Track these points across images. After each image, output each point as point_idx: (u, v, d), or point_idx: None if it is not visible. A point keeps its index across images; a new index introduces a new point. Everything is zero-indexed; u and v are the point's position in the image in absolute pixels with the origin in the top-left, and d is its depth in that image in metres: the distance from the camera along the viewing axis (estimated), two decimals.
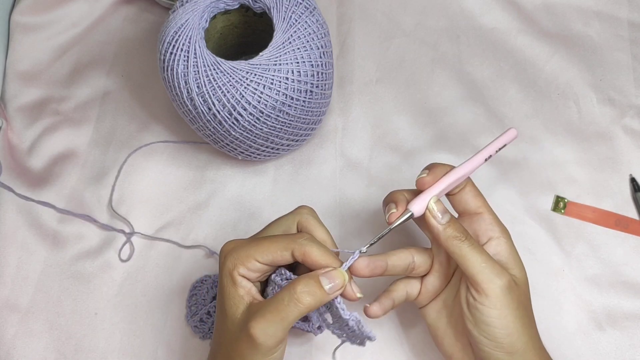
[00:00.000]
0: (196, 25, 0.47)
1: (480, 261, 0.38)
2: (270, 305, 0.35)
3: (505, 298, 0.38)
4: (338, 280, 0.37)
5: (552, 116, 0.60)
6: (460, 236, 0.39)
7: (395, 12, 0.66)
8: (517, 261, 0.41)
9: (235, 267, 0.37)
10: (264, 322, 0.35)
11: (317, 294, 0.36)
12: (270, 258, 0.37)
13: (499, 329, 0.38)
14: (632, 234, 0.55)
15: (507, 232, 0.42)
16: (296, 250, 0.37)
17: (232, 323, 0.37)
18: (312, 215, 0.41)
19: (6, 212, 0.55)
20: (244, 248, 0.38)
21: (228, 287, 0.37)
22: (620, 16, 0.64)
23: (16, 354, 0.51)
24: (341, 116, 0.60)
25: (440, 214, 0.40)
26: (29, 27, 0.65)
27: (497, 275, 0.38)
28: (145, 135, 0.60)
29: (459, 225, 0.40)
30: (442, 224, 0.40)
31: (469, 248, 0.39)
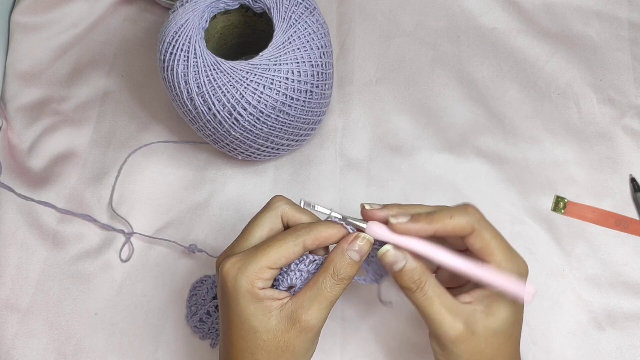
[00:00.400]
0: (196, 25, 0.47)
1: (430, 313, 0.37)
2: (316, 294, 0.37)
3: (453, 349, 0.38)
4: (366, 247, 0.38)
5: (552, 116, 0.60)
6: (411, 287, 0.37)
7: (395, 12, 0.66)
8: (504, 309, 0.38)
9: (253, 285, 0.36)
10: (317, 311, 0.37)
11: (353, 267, 0.38)
12: (284, 261, 0.37)
13: None
14: (632, 234, 0.55)
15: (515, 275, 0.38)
16: (307, 240, 0.38)
17: (268, 334, 0.37)
18: (289, 203, 0.41)
19: (6, 212, 0.55)
20: (253, 262, 0.37)
21: (250, 306, 0.37)
22: (620, 16, 0.64)
23: (16, 354, 0.51)
24: (341, 116, 0.60)
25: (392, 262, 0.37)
26: (29, 27, 0.65)
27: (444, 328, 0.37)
28: (145, 135, 0.60)
29: (412, 274, 0.37)
30: (393, 271, 0.38)
31: (420, 299, 0.37)
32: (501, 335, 0.38)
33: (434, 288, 0.38)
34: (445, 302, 0.38)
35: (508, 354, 0.39)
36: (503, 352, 0.39)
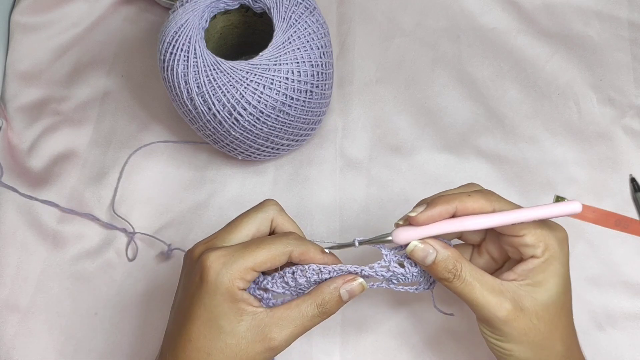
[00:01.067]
0: (196, 25, 0.47)
1: (473, 298, 0.37)
2: (295, 318, 0.37)
3: (505, 328, 0.36)
4: (358, 291, 0.38)
5: (552, 116, 0.60)
6: (448, 277, 0.37)
7: (395, 12, 0.66)
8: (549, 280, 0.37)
9: (234, 284, 0.35)
10: (290, 334, 0.37)
11: (339, 304, 0.38)
12: (269, 265, 0.37)
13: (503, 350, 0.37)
14: (632, 234, 0.55)
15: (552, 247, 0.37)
16: (296, 252, 0.37)
17: (232, 336, 0.36)
18: (281, 210, 0.41)
19: (6, 212, 0.55)
20: (239, 260, 0.36)
21: (224, 304, 0.36)
22: (620, 16, 0.64)
23: (16, 354, 0.51)
24: (341, 116, 0.60)
25: (422, 257, 0.37)
26: (29, 27, 0.65)
27: (492, 311, 0.36)
28: (145, 135, 0.60)
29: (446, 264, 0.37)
30: (426, 265, 0.37)
31: (459, 287, 0.37)
32: (552, 308, 0.37)
33: (472, 272, 0.37)
34: (486, 284, 0.37)
35: (563, 327, 0.38)
36: (558, 325, 0.38)
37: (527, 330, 0.37)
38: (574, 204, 0.36)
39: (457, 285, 0.37)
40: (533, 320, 0.37)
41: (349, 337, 0.51)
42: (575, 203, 0.36)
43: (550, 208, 0.36)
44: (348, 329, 0.51)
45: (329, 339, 0.51)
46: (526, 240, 0.37)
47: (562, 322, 0.38)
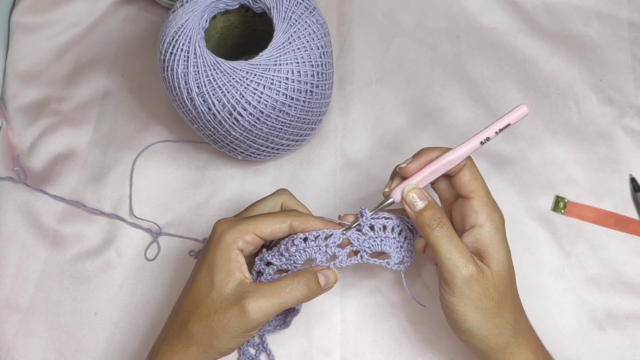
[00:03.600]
0: (196, 26, 0.47)
1: (446, 251, 0.39)
2: (271, 289, 0.40)
3: (464, 289, 0.39)
4: (332, 279, 0.42)
5: (552, 116, 0.60)
6: (432, 224, 0.40)
7: (395, 12, 0.66)
8: (497, 250, 0.41)
9: (234, 241, 0.40)
10: (263, 302, 0.39)
11: (314, 288, 0.41)
12: (269, 231, 0.41)
13: (456, 314, 0.40)
14: (632, 234, 0.55)
15: (494, 220, 0.42)
16: (294, 221, 0.41)
17: (218, 294, 0.39)
18: (292, 196, 0.45)
19: (6, 212, 0.55)
20: (242, 223, 0.40)
21: (222, 260, 0.40)
22: (620, 16, 0.64)
23: (16, 354, 0.51)
24: (341, 116, 0.60)
25: (415, 201, 0.41)
26: (29, 27, 0.65)
27: (458, 267, 0.39)
28: (145, 135, 0.60)
29: (433, 213, 0.41)
30: (415, 211, 0.41)
31: (437, 237, 0.40)
32: (505, 278, 0.41)
33: (452, 230, 0.40)
34: (459, 244, 0.40)
35: (512, 297, 0.41)
36: (508, 295, 0.41)
37: (482, 296, 0.39)
38: (521, 107, 0.43)
39: (437, 234, 0.40)
40: (490, 287, 0.40)
41: (349, 337, 0.51)
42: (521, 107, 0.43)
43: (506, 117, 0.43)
44: (348, 329, 0.51)
45: (329, 339, 0.51)
46: (472, 205, 0.42)
47: (511, 292, 0.41)
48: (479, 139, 0.43)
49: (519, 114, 0.43)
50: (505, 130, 0.43)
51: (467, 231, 0.42)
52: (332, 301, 0.52)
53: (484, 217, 0.42)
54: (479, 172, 0.43)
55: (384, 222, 0.43)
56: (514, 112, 0.43)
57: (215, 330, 0.39)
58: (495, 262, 0.41)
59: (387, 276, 0.53)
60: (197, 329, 0.40)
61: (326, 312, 0.52)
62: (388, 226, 0.43)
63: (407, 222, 0.44)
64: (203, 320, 0.40)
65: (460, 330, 0.41)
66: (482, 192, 0.42)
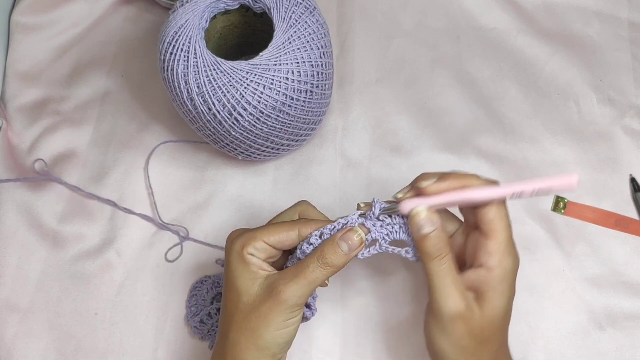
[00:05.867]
0: (196, 26, 0.47)
1: (441, 284, 0.38)
2: (298, 271, 0.39)
3: (449, 325, 0.38)
4: (355, 239, 0.39)
5: (552, 116, 0.60)
6: (432, 253, 0.38)
7: (395, 12, 0.66)
8: (496, 298, 0.39)
9: (243, 247, 0.40)
10: (294, 285, 0.38)
11: (340, 257, 0.39)
12: (276, 238, 0.40)
13: (436, 346, 0.39)
14: (632, 234, 0.55)
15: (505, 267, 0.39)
16: (302, 227, 0.40)
17: (248, 296, 0.39)
18: (311, 206, 0.44)
19: (6, 212, 0.55)
20: (250, 231, 0.41)
21: (239, 267, 0.40)
22: (620, 16, 0.64)
23: (16, 354, 0.51)
24: (341, 116, 0.60)
25: (422, 224, 0.38)
26: (29, 27, 0.65)
27: (449, 303, 0.38)
28: (145, 135, 0.60)
29: (436, 242, 0.38)
30: (420, 234, 0.39)
31: (436, 267, 0.38)
32: (493, 326, 0.39)
33: (451, 263, 0.39)
34: (455, 280, 0.38)
35: (498, 344, 0.40)
36: (492, 341, 0.39)
37: (465, 334, 0.38)
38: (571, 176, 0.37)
39: (436, 265, 0.38)
40: (475, 329, 0.38)
41: (349, 337, 0.51)
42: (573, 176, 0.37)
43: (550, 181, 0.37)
44: (348, 329, 0.51)
45: (329, 339, 0.51)
46: (487, 246, 0.38)
47: (498, 337, 0.40)
48: (512, 190, 0.38)
49: (565, 183, 0.37)
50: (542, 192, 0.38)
51: (473, 268, 0.39)
52: (332, 301, 0.52)
53: (495, 261, 0.38)
54: (506, 212, 0.39)
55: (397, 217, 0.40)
56: (561, 178, 0.37)
57: (257, 329, 0.38)
58: (490, 308, 0.38)
59: (387, 276, 0.53)
60: (238, 335, 0.39)
61: (326, 312, 0.52)
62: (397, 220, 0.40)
63: None
64: (243, 322, 0.39)
65: (434, 358, 0.40)
66: (502, 236, 0.39)
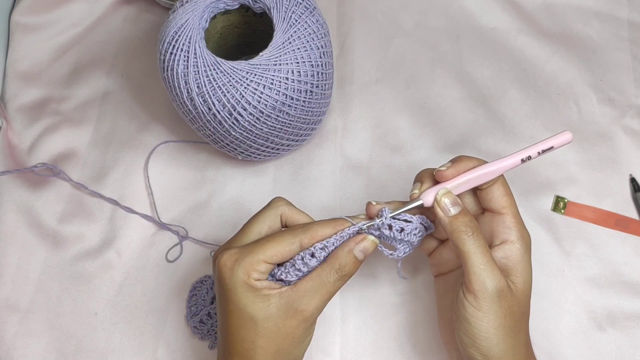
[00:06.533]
0: (196, 26, 0.47)
1: (479, 262, 0.38)
2: (319, 287, 0.38)
3: (492, 304, 0.37)
4: (371, 248, 0.40)
5: (552, 116, 0.60)
6: (467, 230, 0.38)
7: (395, 12, 0.66)
8: (524, 270, 0.40)
9: (249, 276, 0.37)
10: (318, 302, 0.38)
11: (355, 265, 0.39)
12: (280, 257, 0.39)
13: (478, 330, 0.38)
14: (632, 234, 0.55)
15: (526, 239, 0.41)
16: (304, 238, 0.39)
17: (267, 321, 0.38)
18: (289, 205, 0.43)
19: (6, 212, 0.55)
20: (249, 255, 0.38)
21: (248, 295, 0.37)
22: (620, 16, 0.64)
23: (16, 354, 0.51)
24: (341, 116, 0.60)
25: (449, 206, 0.39)
26: (29, 27, 0.65)
27: (491, 280, 0.37)
28: (145, 135, 0.60)
29: (469, 220, 0.39)
30: (449, 216, 0.39)
31: (472, 245, 0.38)
32: (528, 298, 0.40)
33: (484, 240, 0.39)
34: (492, 257, 0.39)
35: (527, 318, 0.40)
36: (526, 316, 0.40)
37: (507, 313, 0.38)
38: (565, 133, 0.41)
39: (472, 242, 0.38)
40: (514, 306, 0.38)
41: (349, 337, 0.51)
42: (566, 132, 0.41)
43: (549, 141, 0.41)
44: (348, 329, 0.51)
45: (329, 339, 0.51)
46: (505, 221, 0.40)
47: (528, 314, 0.41)
48: (520, 156, 0.41)
49: (563, 139, 0.41)
50: (548, 152, 0.41)
51: (497, 246, 0.40)
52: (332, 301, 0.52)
53: (516, 234, 0.40)
54: (510, 189, 0.42)
55: (403, 225, 0.41)
56: (558, 136, 0.41)
57: (286, 349, 0.38)
58: (522, 281, 0.39)
59: (387, 276, 0.53)
60: None
61: (326, 312, 0.51)
62: (406, 229, 0.41)
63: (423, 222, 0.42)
64: (268, 350, 0.38)
65: (475, 347, 0.38)
66: (514, 209, 0.41)
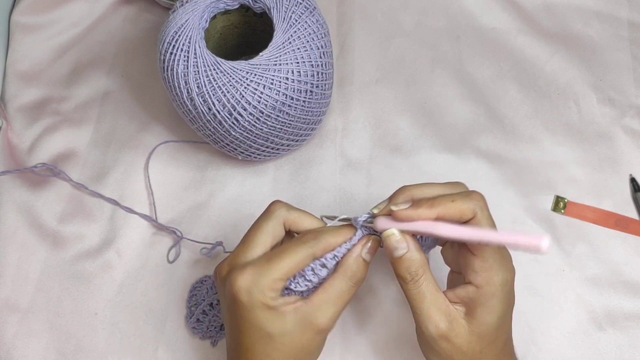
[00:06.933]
0: (196, 26, 0.47)
1: (418, 307, 0.38)
2: (334, 298, 0.38)
3: (434, 345, 0.38)
4: (373, 245, 0.39)
5: (552, 116, 0.60)
6: (406, 277, 0.38)
7: (395, 12, 0.66)
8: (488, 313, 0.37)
9: (266, 296, 0.37)
10: (334, 314, 0.38)
11: (366, 268, 0.39)
12: (295, 272, 0.38)
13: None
14: (632, 234, 0.55)
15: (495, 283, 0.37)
16: (317, 251, 0.38)
17: (284, 337, 0.37)
18: (288, 207, 0.41)
19: (6, 212, 0.55)
20: (266, 274, 0.37)
21: (265, 314, 0.37)
22: (620, 16, 0.64)
23: (16, 354, 0.51)
24: (341, 116, 0.60)
25: (394, 247, 0.38)
26: (29, 27, 0.65)
27: (428, 325, 0.38)
28: (145, 135, 0.60)
29: (411, 264, 0.37)
30: (393, 257, 0.38)
31: (411, 291, 0.38)
32: (485, 340, 0.38)
33: (428, 284, 0.38)
34: (436, 300, 0.38)
35: (492, 355, 0.39)
36: (486, 355, 0.39)
37: (453, 352, 0.38)
38: (542, 239, 0.32)
39: (411, 288, 0.38)
40: (463, 345, 0.38)
41: (349, 337, 0.51)
42: (543, 238, 0.32)
43: (517, 237, 0.34)
44: (348, 329, 0.51)
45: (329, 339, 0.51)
46: (474, 264, 0.37)
47: (491, 352, 0.39)
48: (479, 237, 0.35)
49: (533, 243, 0.33)
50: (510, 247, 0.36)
51: (463, 285, 0.38)
52: None
53: (481, 279, 0.37)
54: (491, 223, 0.38)
55: None
56: (530, 238, 0.33)
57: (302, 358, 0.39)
58: (478, 325, 0.37)
59: (387, 276, 0.53)
60: None
61: None
62: None
63: None
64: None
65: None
66: (488, 251, 0.37)
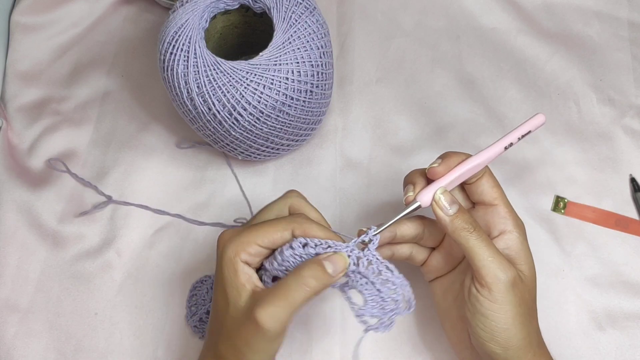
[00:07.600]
0: (196, 26, 0.47)
1: (487, 255, 0.38)
2: (277, 291, 0.36)
3: (507, 294, 0.38)
4: (340, 263, 0.37)
5: (552, 116, 0.60)
6: (469, 227, 0.39)
7: (395, 12, 0.66)
8: (527, 257, 0.41)
9: (236, 254, 0.37)
10: (272, 307, 0.35)
11: (322, 278, 0.36)
12: (271, 240, 0.38)
13: (496, 322, 0.38)
14: (632, 234, 0.55)
15: (521, 227, 0.42)
16: (296, 229, 0.38)
17: (235, 310, 0.37)
18: (302, 197, 0.42)
19: (6, 212, 0.55)
20: (243, 234, 0.38)
21: (230, 275, 0.37)
22: (620, 16, 0.64)
23: (16, 354, 0.51)
24: (341, 116, 0.60)
25: (447, 205, 0.39)
26: (29, 27, 0.65)
27: (503, 271, 0.38)
28: (145, 135, 0.60)
29: (468, 217, 0.39)
30: (449, 215, 0.39)
31: (476, 240, 0.38)
32: (535, 284, 0.40)
33: (485, 235, 0.39)
34: (494, 248, 0.39)
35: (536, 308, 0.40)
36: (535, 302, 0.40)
37: (522, 301, 0.38)
38: (538, 117, 0.44)
39: (474, 238, 0.38)
40: (525, 293, 0.39)
41: (349, 337, 0.51)
42: (539, 115, 0.44)
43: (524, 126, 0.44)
44: (348, 329, 0.51)
45: (329, 339, 0.51)
46: (499, 211, 0.41)
47: (536, 299, 0.41)
48: (503, 144, 0.42)
49: (537, 122, 0.43)
50: (526, 137, 0.44)
51: (496, 237, 0.41)
52: (332, 301, 0.52)
53: (512, 223, 0.41)
54: (497, 180, 0.42)
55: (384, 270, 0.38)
56: (533, 120, 0.43)
57: (240, 348, 0.37)
58: (527, 268, 0.40)
59: None
60: (225, 348, 0.37)
61: (326, 312, 0.52)
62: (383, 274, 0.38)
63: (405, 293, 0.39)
64: (228, 339, 0.37)
65: (494, 341, 0.38)
66: (505, 199, 0.42)
